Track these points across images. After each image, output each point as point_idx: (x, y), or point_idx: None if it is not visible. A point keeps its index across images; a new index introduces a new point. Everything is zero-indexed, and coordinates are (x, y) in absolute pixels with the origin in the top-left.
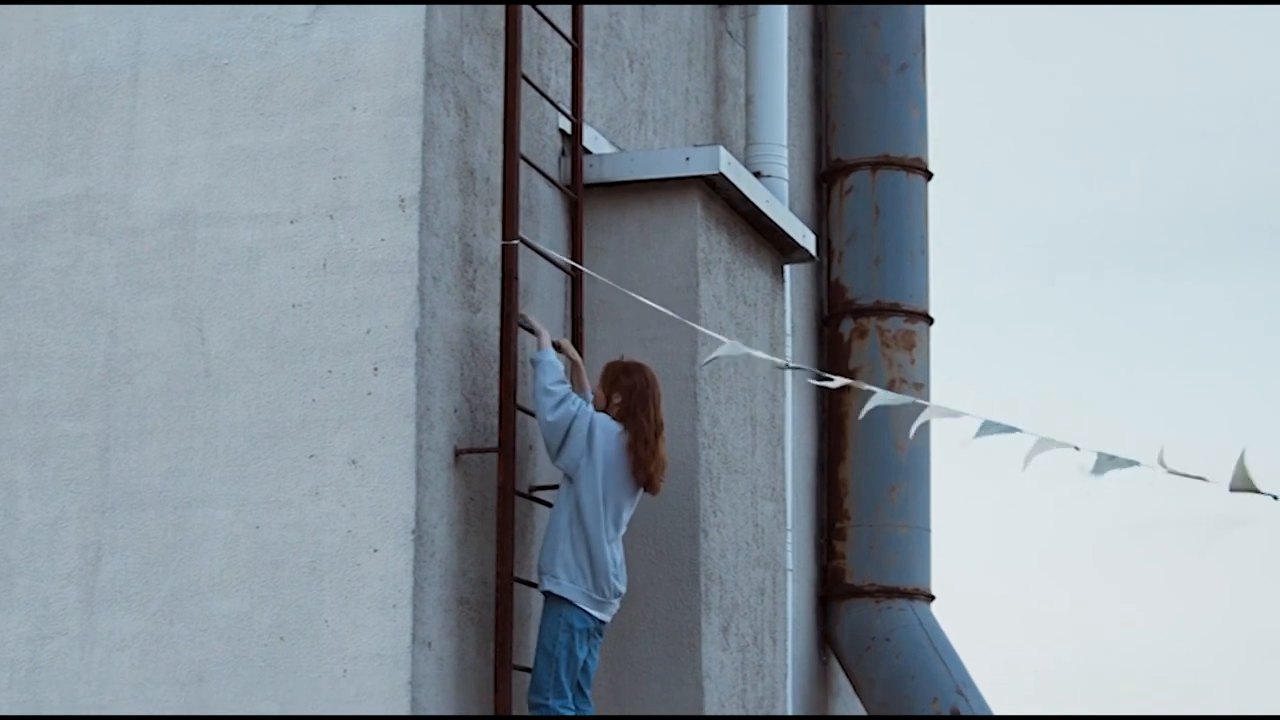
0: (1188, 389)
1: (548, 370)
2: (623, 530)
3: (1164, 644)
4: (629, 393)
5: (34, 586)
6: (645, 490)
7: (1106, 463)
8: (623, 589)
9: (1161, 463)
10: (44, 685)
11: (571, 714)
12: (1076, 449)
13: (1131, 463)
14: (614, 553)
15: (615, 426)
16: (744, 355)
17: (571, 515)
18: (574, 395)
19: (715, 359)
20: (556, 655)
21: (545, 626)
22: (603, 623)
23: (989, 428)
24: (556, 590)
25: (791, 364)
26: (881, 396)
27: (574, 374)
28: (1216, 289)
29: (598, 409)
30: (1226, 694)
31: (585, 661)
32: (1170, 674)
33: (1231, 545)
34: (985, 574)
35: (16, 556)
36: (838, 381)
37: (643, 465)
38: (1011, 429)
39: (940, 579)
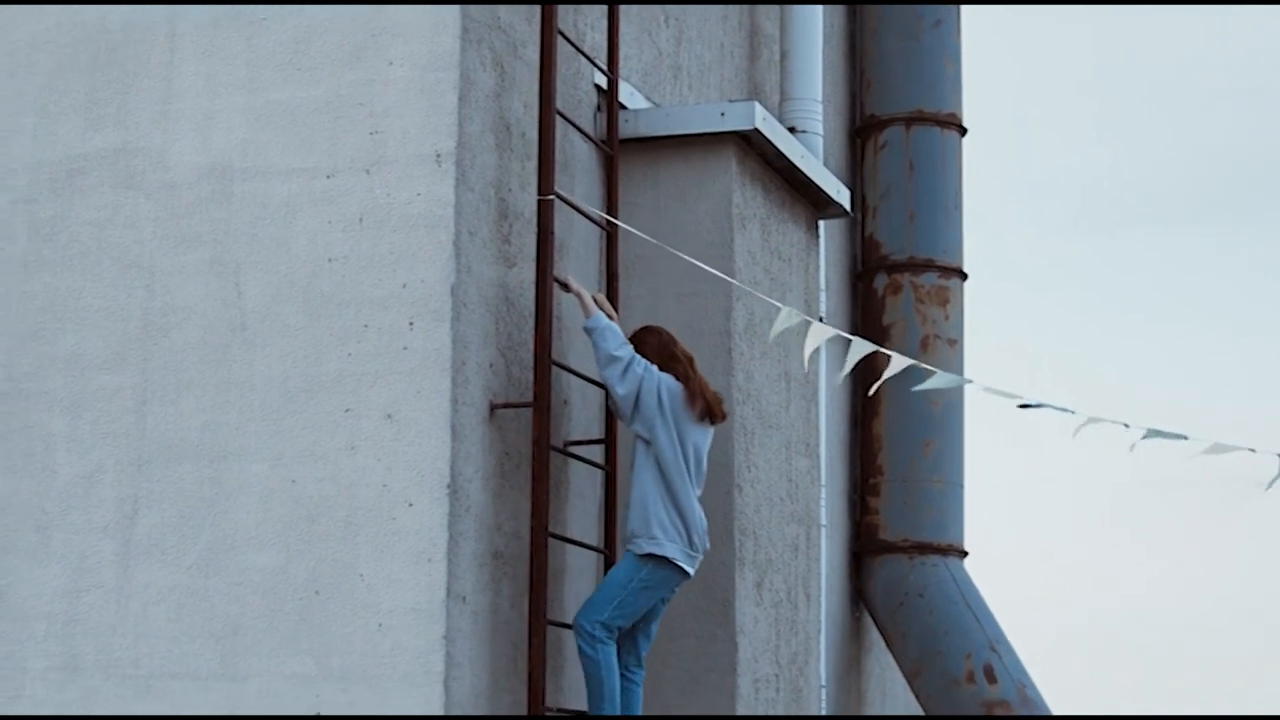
0: (1217, 345)
1: (608, 336)
2: (704, 477)
3: (1198, 600)
4: (655, 352)
5: (70, 539)
6: (711, 422)
7: (1154, 437)
8: (708, 543)
9: (1212, 445)
10: (80, 638)
11: (607, 650)
12: (1126, 426)
13: (1179, 437)
14: (697, 507)
15: (676, 382)
16: (834, 335)
17: (655, 476)
18: (638, 357)
19: (787, 330)
20: (624, 588)
21: (623, 565)
22: (687, 576)
23: (1043, 405)
24: (659, 551)
25: (895, 355)
26: (939, 379)
27: None
28: (1243, 245)
29: None
30: (1257, 652)
31: (651, 623)
32: (1204, 631)
33: (1265, 504)
34: (1019, 530)
35: (53, 509)
36: (899, 363)
37: (696, 400)
38: (1063, 409)
39: (973, 535)
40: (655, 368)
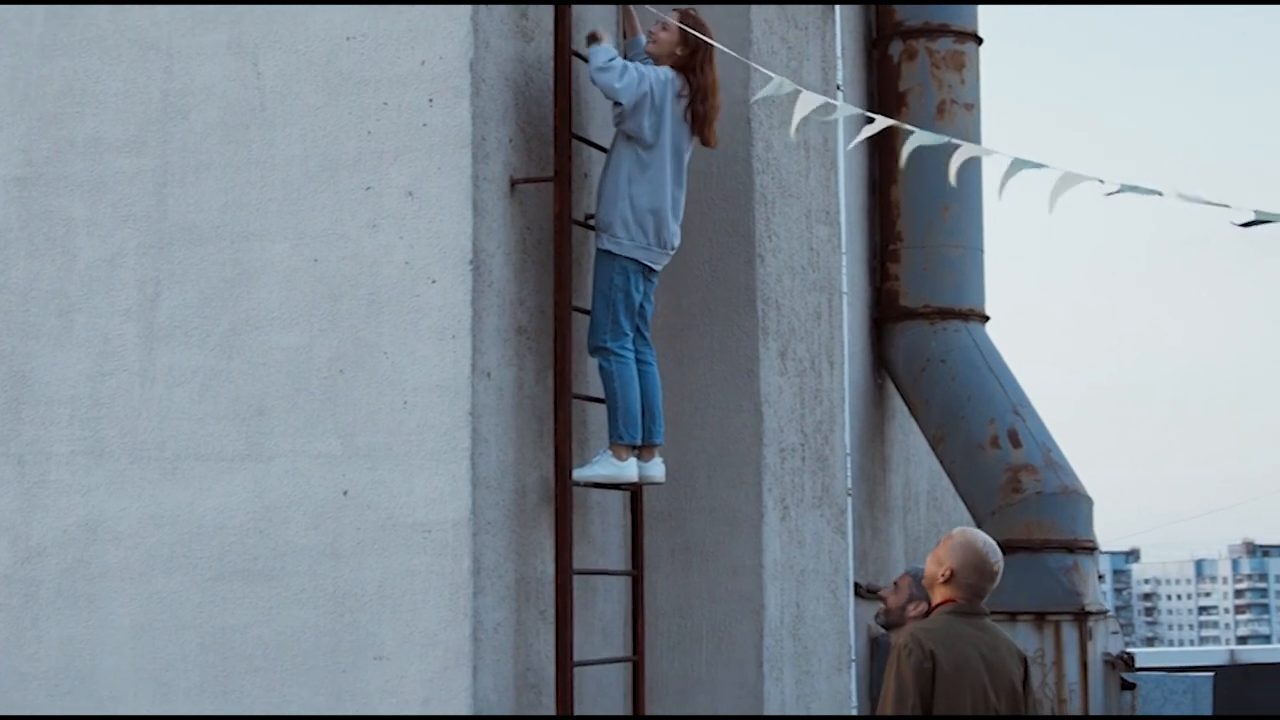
0: (1234, 110)
1: (597, 54)
2: (683, 180)
3: (1211, 357)
4: (693, 48)
5: (93, 323)
6: (699, 137)
7: (1128, 191)
8: (677, 243)
9: (1179, 194)
10: (104, 421)
11: (630, 354)
12: (1101, 182)
13: (1153, 192)
14: (676, 199)
15: (667, 73)
16: (794, 91)
17: (629, 172)
18: (624, 62)
19: (766, 96)
20: (613, 298)
21: (600, 272)
22: (654, 270)
23: (1018, 165)
24: (616, 250)
25: (838, 103)
26: (919, 137)
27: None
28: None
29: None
30: (1274, 405)
31: (642, 304)
32: (1218, 386)
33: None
34: (1038, 293)
35: (75, 293)
36: (881, 123)
37: (699, 120)
38: (1039, 165)
39: (994, 299)
40: (648, 68)
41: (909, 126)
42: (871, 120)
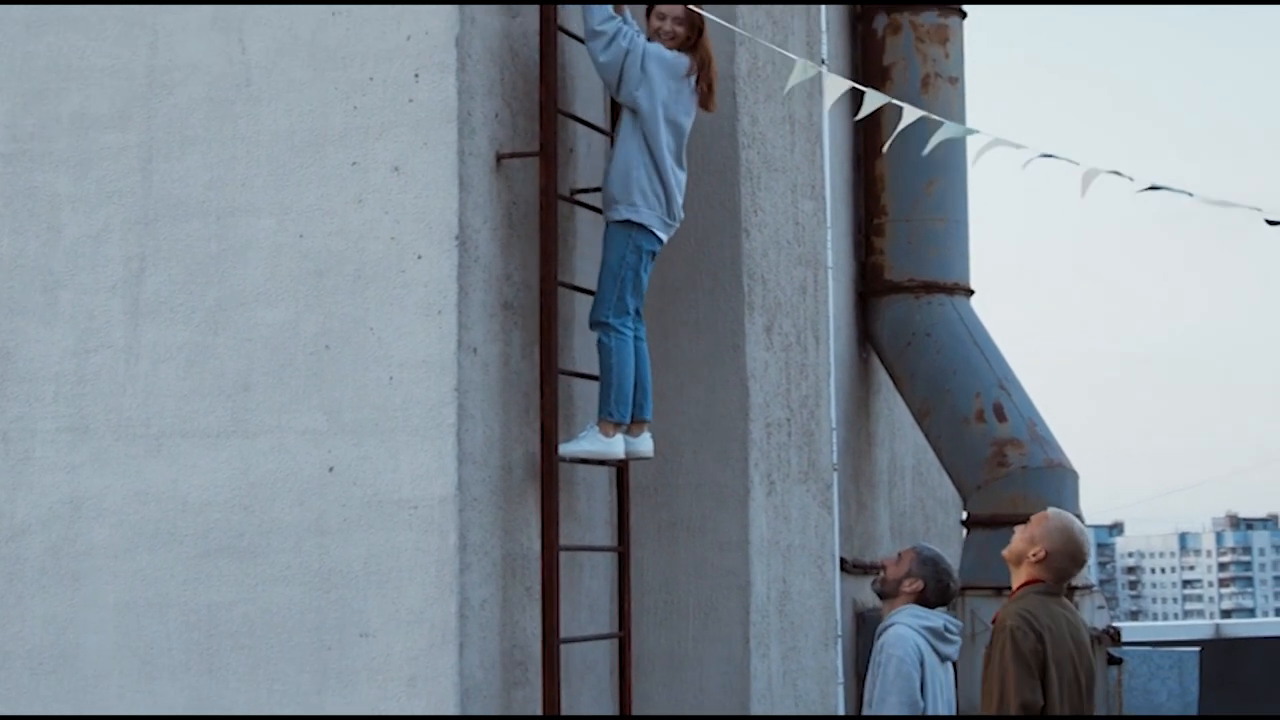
0: (1220, 88)
1: (595, 11)
2: (683, 154)
3: (1194, 331)
4: (691, 27)
5: (78, 299)
6: (704, 107)
7: (1158, 190)
8: (682, 215)
9: (1209, 200)
10: (89, 398)
11: (630, 333)
12: (1131, 180)
13: (1184, 193)
14: (679, 176)
15: (670, 53)
16: (816, 75)
17: (640, 144)
18: (625, 29)
19: (796, 83)
20: (623, 276)
21: (612, 247)
22: (661, 242)
23: (1044, 157)
24: (635, 218)
25: (867, 89)
26: (948, 129)
27: None
28: None
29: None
30: (1258, 379)
31: (641, 287)
32: (1201, 360)
33: (1261, 236)
34: (1023, 267)
35: (60, 270)
36: (910, 115)
37: (710, 89)
38: (1070, 161)
39: (979, 273)
40: (642, 39)
41: (936, 117)
42: (900, 109)
